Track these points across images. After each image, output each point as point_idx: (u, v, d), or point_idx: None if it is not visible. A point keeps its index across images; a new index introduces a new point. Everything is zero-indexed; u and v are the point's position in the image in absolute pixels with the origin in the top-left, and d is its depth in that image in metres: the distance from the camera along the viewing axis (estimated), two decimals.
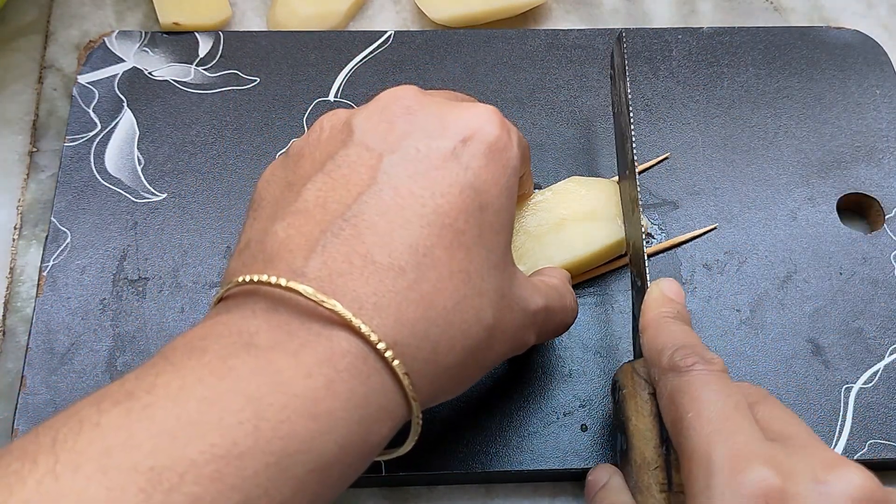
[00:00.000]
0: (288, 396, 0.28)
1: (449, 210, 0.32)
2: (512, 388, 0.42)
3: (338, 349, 0.29)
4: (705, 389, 0.33)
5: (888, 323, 0.44)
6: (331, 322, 0.29)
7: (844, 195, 0.48)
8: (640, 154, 0.49)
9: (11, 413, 0.41)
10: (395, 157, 0.33)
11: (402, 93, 0.35)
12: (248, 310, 0.30)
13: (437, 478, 0.41)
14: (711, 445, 0.31)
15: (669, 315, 0.37)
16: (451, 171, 0.33)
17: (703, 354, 0.34)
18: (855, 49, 0.53)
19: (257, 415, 0.27)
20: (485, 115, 0.34)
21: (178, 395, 0.27)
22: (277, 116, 0.49)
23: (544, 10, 0.56)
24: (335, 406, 0.28)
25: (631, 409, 0.36)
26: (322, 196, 0.32)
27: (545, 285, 0.38)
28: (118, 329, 0.43)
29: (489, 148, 0.34)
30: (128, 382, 0.28)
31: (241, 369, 0.28)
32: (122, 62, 0.51)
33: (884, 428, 0.42)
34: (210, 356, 0.28)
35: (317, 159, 0.34)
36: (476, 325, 0.32)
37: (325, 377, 0.29)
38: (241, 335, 0.29)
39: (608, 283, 0.45)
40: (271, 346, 0.29)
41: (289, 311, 0.30)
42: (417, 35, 0.52)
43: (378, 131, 0.33)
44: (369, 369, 0.29)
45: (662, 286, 0.38)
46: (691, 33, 0.53)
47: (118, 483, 0.25)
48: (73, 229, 0.45)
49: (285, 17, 0.53)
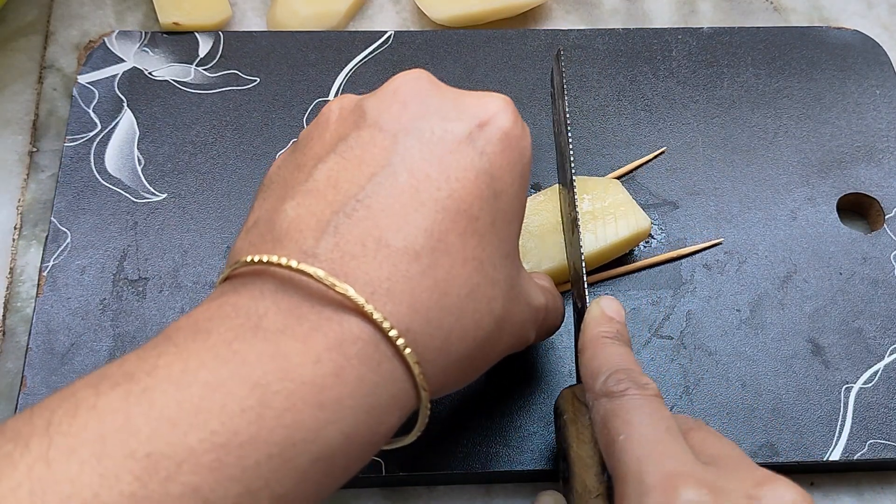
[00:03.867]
0: (295, 383, 0.27)
1: (464, 195, 0.31)
2: (512, 388, 0.42)
3: (349, 334, 0.28)
4: (637, 413, 0.32)
5: (888, 323, 0.44)
6: (342, 306, 0.29)
7: (844, 195, 0.48)
8: (641, 154, 0.49)
9: (11, 413, 0.41)
10: (409, 139, 0.32)
11: (415, 75, 0.34)
12: (256, 290, 0.29)
13: (437, 478, 0.41)
14: (643, 467, 0.30)
15: (609, 335, 0.36)
16: (466, 155, 0.32)
17: (636, 379, 0.33)
18: (855, 49, 0.53)
19: (262, 402, 0.26)
20: (501, 103, 0.34)
21: (179, 379, 0.26)
22: (277, 116, 0.49)
23: (544, 10, 0.56)
24: (343, 394, 0.28)
25: (572, 435, 0.35)
26: (334, 176, 0.31)
27: (541, 286, 0.37)
28: (118, 329, 0.43)
29: (505, 134, 0.33)
30: (128, 363, 0.27)
31: (247, 353, 0.27)
32: (122, 62, 0.51)
33: (884, 428, 0.42)
34: (215, 338, 0.28)
35: (327, 141, 0.33)
36: (488, 315, 0.32)
37: (334, 363, 0.28)
38: (249, 317, 0.28)
39: (608, 282, 0.45)
40: (280, 329, 0.28)
41: (299, 293, 0.29)
42: (417, 35, 0.52)
43: (391, 112, 0.32)
44: (380, 356, 0.29)
45: (603, 304, 0.37)
46: (691, 33, 0.53)
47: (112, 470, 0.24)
48: (73, 229, 0.45)
49: (285, 17, 0.53)
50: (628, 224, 0.44)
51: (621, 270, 0.45)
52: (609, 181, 0.46)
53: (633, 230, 0.44)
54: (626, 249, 0.45)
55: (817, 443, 0.41)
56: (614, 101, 0.51)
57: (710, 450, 0.32)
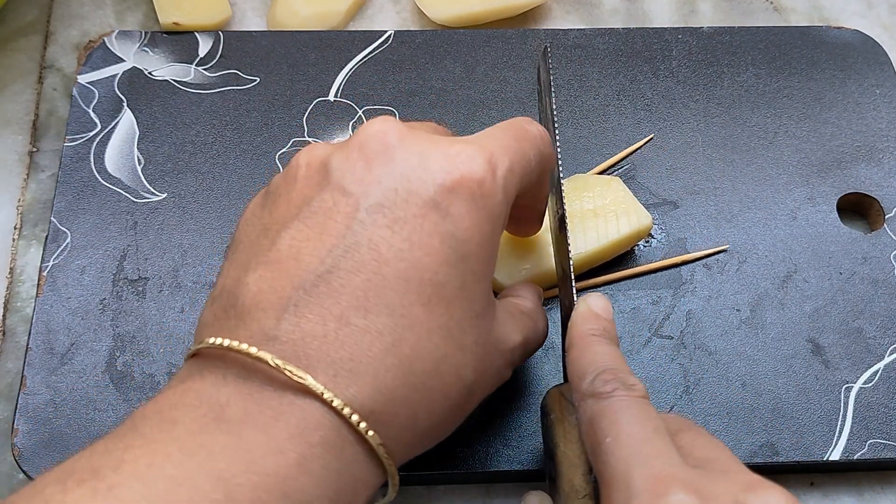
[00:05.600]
0: (259, 476, 0.27)
1: (429, 263, 0.30)
2: (512, 388, 0.42)
3: (311, 421, 0.28)
4: (624, 414, 0.32)
5: (888, 323, 0.44)
6: (304, 391, 0.28)
7: (844, 195, 0.48)
8: (641, 153, 0.49)
9: (11, 413, 0.41)
10: (371, 202, 0.31)
11: (382, 126, 0.32)
12: (219, 375, 0.29)
13: (437, 478, 0.41)
14: (630, 470, 0.30)
15: (596, 332, 0.35)
16: (430, 219, 0.31)
17: (624, 380, 0.33)
18: (855, 49, 0.53)
19: (227, 496, 0.26)
20: (469, 156, 0.32)
21: (146, 474, 0.26)
22: (277, 116, 0.49)
23: (544, 10, 0.56)
24: (308, 483, 0.28)
25: (559, 435, 0.35)
26: (296, 245, 0.31)
27: (520, 313, 0.37)
28: (118, 329, 0.43)
29: (472, 193, 0.32)
30: (95, 456, 0.27)
31: (211, 446, 0.27)
32: (122, 62, 0.51)
33: (884, 428, 0.41)
34: (180, 429, 0.27)
35: (293, 202, 0.32)
36: (456, 384, 0.31)
37: (297, 454, 0.28)
38: (212, 407, 0.28)
39: (608, 282, 0.45)
40: (242, 419, 0.28)
41: (260, 378, 0.29)
42: (417, 35, 0.52)
43: (355, 172, 0.31)
44: (343, 442, 0.29)
45: (590, 302, 0.37)
46: (691, 33, 0.53)
47: None
48: (73, 229, 0.45)
49: (285, 17, 0.53)
50: (629, 221, 0.44)
51: (625, 273, 0.45)
52: (610, 179, 0.46)
53: (634, 227, 0.44)
54: (628, 246, 0.45)
55: (817, 442, 0.41)
56: (614, 101, 0.51)
57: (700, 452, 0.32)
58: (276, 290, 0.30)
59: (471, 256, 0.32)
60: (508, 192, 0.33)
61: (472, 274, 0.32)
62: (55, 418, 0.41)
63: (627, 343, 0.43)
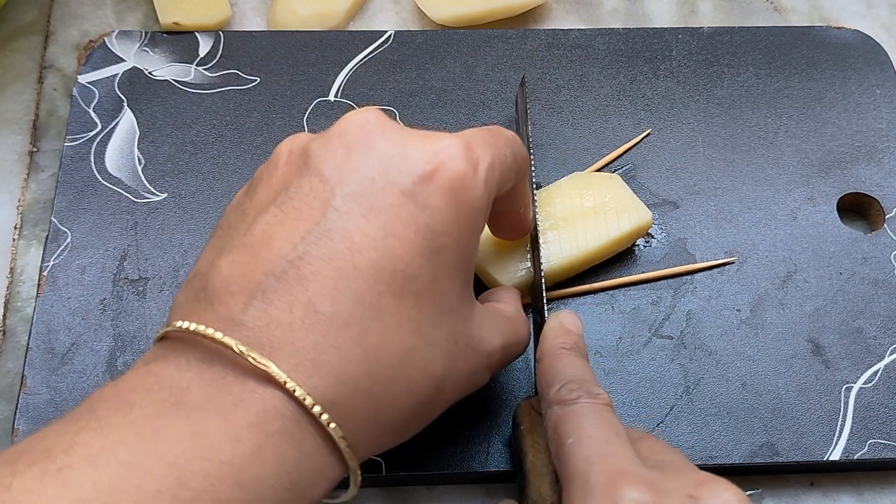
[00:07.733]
0: (213, 463, 0.26)
1: (402, 254, 0.30)
2: (512, 388, 0.42)
3: (271, 409, 0.28)
4: (587, 418, 0.33)
5: (888, 323, 0.44)
6: (266, 379, 0.28)
7: (844, 195, 0.48)
8: (641, 153, 0.49)
9: (12, 413, 0.41)
10: (348, 190, 0.30)
11: (364, 116, 0.32)
12: (182, 359, 0.29)
13: (437, 478, 0.41)
14: (589, 467, 0.31)
15: (566, 346, 0.36)
16: (406, 209, 0.30)
17: (589, 389, 0.34)
18: (855, 49, 0.53)
19: (179, 482, 0.26)
20: (450, 149, 0.32)
21: (97, 458, 0.26)
22: (277, 116, 0.49)
23: (544, 10, 0.56)
24: (263, 473, 0.27)
25: (528, 445, 0.36)
26: (269, 231, 0.30)
27: (502, 317, 0.37)
28: (118, 329, 0.43)
29: (452, 185, 0.31)
30: (49, 437, 0.27)
31: (167, 431, 0.27)
32: (122, 62, 0.51)
33: (884, 428, 0.42)
34: (137, 413, 0.27)
35: (272, 187, 0.32)
36: (423, 379, 0.31)
37: (253, 442, 0.27)
38: (172, 391, 0.28)
39: (609, 287, 0.45)
40: (201, 405, 0.27)
41: (223, 364, 0.28)
42: (417, 35, 0.52)
43: (335, 159, 0.31)
44: (302, 432, 0.28)
45: (561, 317, 0.38)
46: (691, 33, 0.53)
47: None
48: (73, 229, 0.45)
49: (285, 17, 0.53)
50: (630, 218, 0.44)
51: (629, 280, 0.45)
52: (609, 176, 0.46)
53: (634, 223, 0.44)
54: (630, 243, 0.45)
55: (817, 443, 0.41)
56: (614, 101, 0.51)
57: (657, 456, 0.33)
58: (246, 275, 0.30)
59: (446, 250, 0.31)
60: (490, 187, 0.33)
61: (445, 268, 0.31)
62: (55, 418, 0.40)
63: (627, 343, 0.43)
